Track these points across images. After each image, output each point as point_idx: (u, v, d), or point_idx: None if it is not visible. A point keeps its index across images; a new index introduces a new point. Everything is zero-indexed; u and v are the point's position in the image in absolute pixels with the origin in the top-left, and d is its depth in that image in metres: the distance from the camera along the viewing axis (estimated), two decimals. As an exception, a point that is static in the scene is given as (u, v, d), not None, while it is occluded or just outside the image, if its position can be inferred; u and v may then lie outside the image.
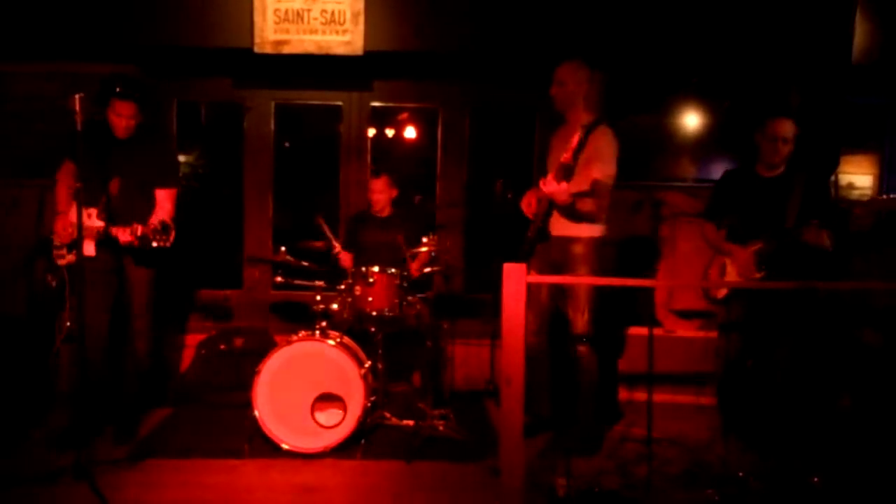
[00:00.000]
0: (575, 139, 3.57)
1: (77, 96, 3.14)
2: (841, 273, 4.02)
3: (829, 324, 4.04)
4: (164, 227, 3.39)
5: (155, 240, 3.41)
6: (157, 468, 3.53)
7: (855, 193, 5.67)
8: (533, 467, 3.43)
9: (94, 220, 3.54)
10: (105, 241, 3.61)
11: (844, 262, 4.03)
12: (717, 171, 4.60)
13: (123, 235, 3.55)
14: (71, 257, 3.67)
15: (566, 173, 3.57)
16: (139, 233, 3.43)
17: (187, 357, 4.83)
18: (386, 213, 4.65)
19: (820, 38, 4.70)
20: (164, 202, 3.78)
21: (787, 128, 3.69)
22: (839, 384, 4.04)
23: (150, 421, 4.15)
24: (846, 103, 4.78)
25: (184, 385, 4.68)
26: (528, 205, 3.88)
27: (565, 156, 3.52)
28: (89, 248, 3.53)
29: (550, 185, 3.52)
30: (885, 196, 3.57)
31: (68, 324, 3.74)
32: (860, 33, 4.73)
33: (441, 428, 3.98)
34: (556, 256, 3.81)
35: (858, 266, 4.21)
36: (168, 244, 3.43)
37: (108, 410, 3.83)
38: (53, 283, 3.76)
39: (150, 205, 3.77)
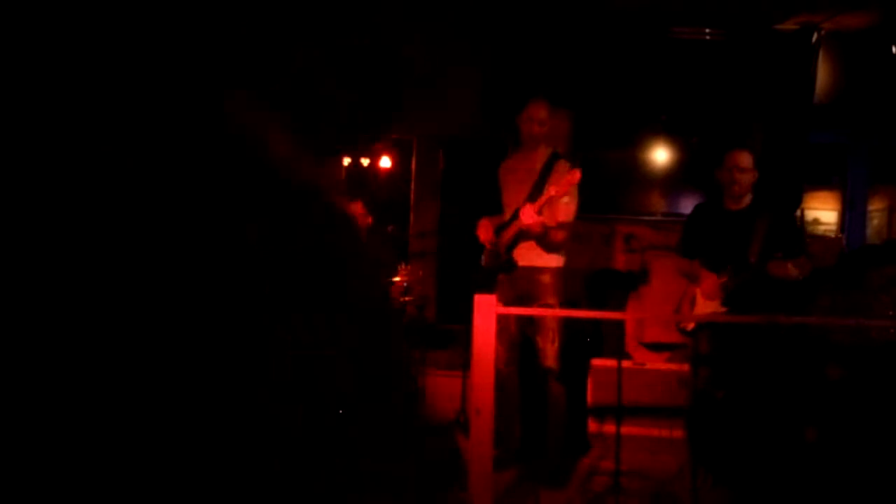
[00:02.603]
0: (566, 171, 3.73)
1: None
2: (805, 308, 4.09)
3: (794, 358, 4.10)
4: None
5: None
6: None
7: (821, 229, 5.79)
8: (502, 501, 3.41)
9: None
10: None
11: (809, 297, 4.11)
12: (686, 205, 4.69)
13: None
14: None
15: (547, 204, 3.68)
16: None
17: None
18: (359, 242, 4.65)
19: (783, 79, 4.84)
20: None
21: (742, 157, 3.75)
22: (805, 418, 4.09)
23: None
24: (808, 141, 4.92)
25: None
26: (485, 233, 3.94)
27: (557, 189, 3.61)
28: None
29: (530, 217, 3.60)
30: (838, 235, 3.65)
31: None
32: (822, 73, 4.88)
33: (410, 460, 3.95)
34: (522, 287, 3.84)
35: (824, 302, 4.29)
36: None
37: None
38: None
39: None
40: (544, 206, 3.65)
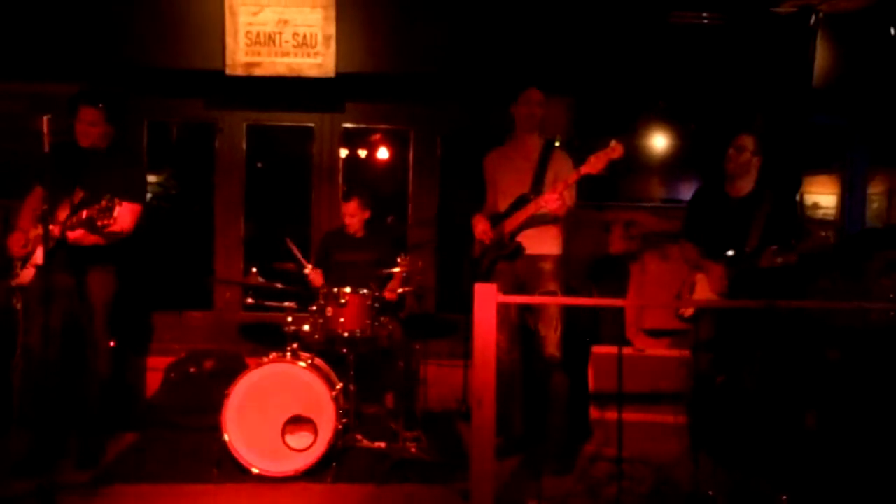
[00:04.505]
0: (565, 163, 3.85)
1: (45, 117, 3.11)
2: (805, 292, 4.09)
3: (794, 342, 4.11)
4: (108, 207, 3.31)
5: (99, 219, 3.32)
6: (123, 494, 3.46)
7: (820, 213, 5.79)
8: (504, 489, 3.42)
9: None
10: (61, 253, 3.53)
11: (809, 280, 4.11)
12: (685, 191, 4.68)
13: (73, 233, 3.48)
14: (24, 275, 3.61)
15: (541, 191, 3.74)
16: (84, 216, 3.36)
17: (155, 380, 4.76)
18: (359, 233, 4.64)
19: (782, 62, 4.82)
20: (124, 214, 3.61)
21: (742, 138, 3.75)
22: (805, 402, 4.10)
23: (115, 445, 4.07)
24: (808, 125, 4.89)
25: (151, 408, 4.61)
26: (482, 228, 3.94)
27: (594, 166, 3.60)
28: (38, 256, 3.46)
29: (554, 202, 3.65)
30: (825, 234, 3.65)
31: (21, 344, 3.67)
32: (821, 57, 4.85)
33: (413, 450, 3.96)
34: (522, 274, 3.84)
35: (825, 285, 4.29)
36: (111, 222, 3.34)
37: (71, 434, 3.76)
38: (18, 306, 3.70)
39: None
40: (564, 191, 3.70)
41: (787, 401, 3.98)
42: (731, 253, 3.69)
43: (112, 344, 3.89)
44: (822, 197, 5.87)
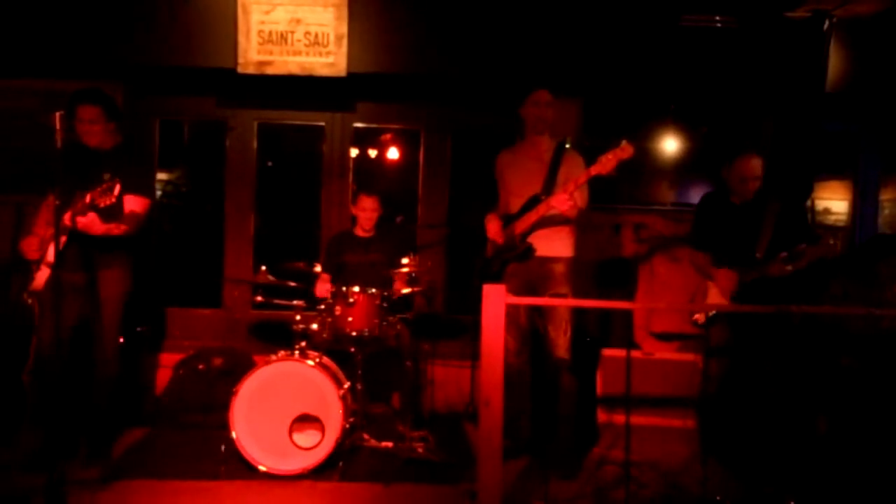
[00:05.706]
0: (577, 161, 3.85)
1: (58, 114, 3.11)
2: (817, 297, 4.07)
3: (805, 348, 4.09)
4: (109, 187, 3.28)
5: (101, 199, 3.31)
6: (131, 489, 3.47)
7: (831, 219, 5.75)
8: (511, 491, 3.41)
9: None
10: (74, 250, 3.55)
11: (821, 286, 4.08)
12: (695, 195, 4.65)
13: (83, 219, 3.47)
14: (39, 277, 3.61)
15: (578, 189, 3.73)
16: (87, 200, 3.36)
17: (164, 377, 4.78)
18: (369, 233, 4.65)
19: (794, 67, 4.80)
20: (133, 204, 3.63)
21: (755, 165, 3.73)
22: (816, 407, 4.08)
23: (124, 441, 4.09)
24: (820, 130, 4.87)
25: (160, 405, 4.63)
26: (494, 229, 3.93)
27: (604, 167, 3.55)
28: (50, 254, 3.47)
29: (565, 203, 3.62)
30: (831, 241, 3.62)
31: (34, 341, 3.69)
32: (834, 61, 4.83)
33: (420, 450, 3.96)
34: (533, 276, 3.83)
35: (836, 291, 4.26)
36: (113, 199, 3.31)
37: (81, 430, 3.77)
38: (30, 301, 3.71)
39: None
40: (575, 191, 3.67)
41: (798, 406, 3.96)
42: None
43: (121, 340, 3.91)
44: (834, 203, 5.83)
